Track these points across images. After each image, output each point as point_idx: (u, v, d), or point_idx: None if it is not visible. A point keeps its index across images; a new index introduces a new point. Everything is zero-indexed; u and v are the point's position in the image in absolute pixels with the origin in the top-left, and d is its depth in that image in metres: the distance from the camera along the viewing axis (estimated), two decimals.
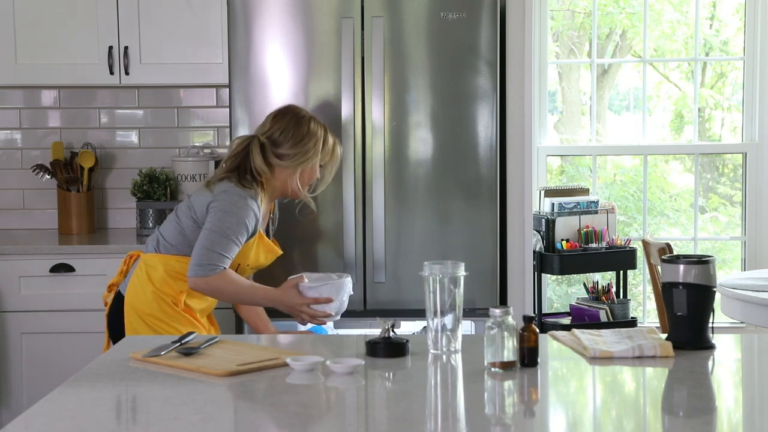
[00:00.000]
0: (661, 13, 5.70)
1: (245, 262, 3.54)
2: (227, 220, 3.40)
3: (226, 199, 3.43)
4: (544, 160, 5.22)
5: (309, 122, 3.57)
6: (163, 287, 3.48)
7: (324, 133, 3.60)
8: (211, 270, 3.38)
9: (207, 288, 3.42)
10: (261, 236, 3.55)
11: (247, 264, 3.56)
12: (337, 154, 3.66)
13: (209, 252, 3.39)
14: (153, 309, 3.47)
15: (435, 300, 2.62)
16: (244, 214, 3.42)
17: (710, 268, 2.66)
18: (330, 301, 3.43)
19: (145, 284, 3.49)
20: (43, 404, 2.24)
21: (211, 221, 3.42)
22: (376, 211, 4.12)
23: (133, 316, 3.50)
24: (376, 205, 4.12)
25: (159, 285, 3.48)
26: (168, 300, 3.47)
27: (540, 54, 5.09)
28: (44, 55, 4.64)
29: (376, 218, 4.12)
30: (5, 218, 5.01)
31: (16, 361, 4.44)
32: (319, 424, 2.17)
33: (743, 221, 5.26)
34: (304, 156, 3.53)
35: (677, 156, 5.83)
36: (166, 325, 3.46)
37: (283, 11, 4.14)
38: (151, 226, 4.76)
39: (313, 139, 3.55)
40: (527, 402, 2.34)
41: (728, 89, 5.84)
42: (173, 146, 5.01)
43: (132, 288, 3.53)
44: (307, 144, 3.54)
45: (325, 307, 3.44)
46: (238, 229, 3.41)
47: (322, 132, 3.59)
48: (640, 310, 5.41)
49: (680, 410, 2.28)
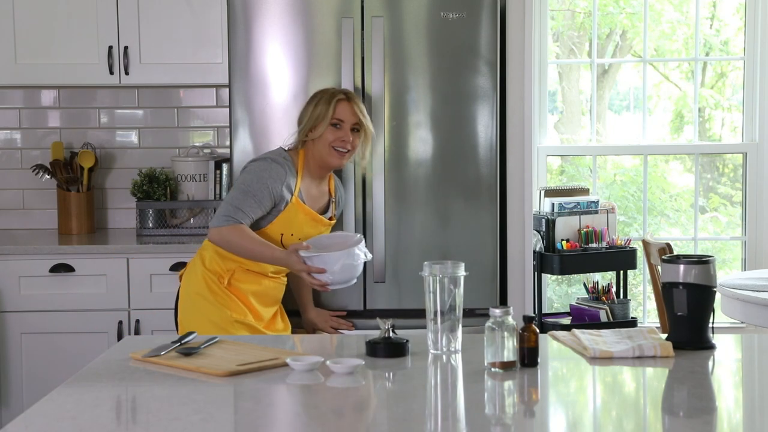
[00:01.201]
0: (661, 13, 5.70)
1: (288, 231, 3.67)
2: (249, 179, 3.62)
3: (253, 162, 3.70)
4: (544, 160, 5.21)
5: (317, 92, 3.78)
6: (212, 265, 3.68)
7: (322, 93, 3.74)
8: (225, 221, 3.56)
9: (219, 239, 3.58)
10: (301, 206, 3.68)
11: (291, 233, 3.67)
12: (344, 111, 3.71)
13: (227, 205, 3.60)
14: (201, 288, 3.66)
15: (435, 300, 2.62)
16: (267, 175, 3.61)
17: (710, 268, 2.66)
18: (322, 271, 3.47)
19: (197, 264, 3.71)
20: (43, 404, 2.24)
21: (236, 180, 3.71)
22: (376, 211, 4.11)
23: (184, 295, 3.70)
24: (376, 205, 4.11)
25: (208, 264, 3.68)
26: (214, 278, 3.66)
27: (540, 54, 5.09)
28: (44, 55, 4.63)
29: (376, 218, 4.12)
30: (5, 218, 5.01)
31: (16, 361, 4.44)
32: (319, 424, 2.17)
33: (743, 221, 5.26)
34: (306, 118, 3.72)
35: (677, 156, 5.83)
36: (210, 304, 3.64)
37: (283, 11, 4.13)
38: (150, 226, 4.76)
39: (312, 102, 3.74)
40: (527, 402, 2.34)
41: (728, 89, 5.84)
42: (173, 146, 5.00)
43: (187, 269, 3.77)
44: (307, 108, 3.75)
45: (321, 277, 3.49)
46: (258, 187, 3.59)
47: (321, 94, 3.74)
48: (640, 310, 5.41)
49: (680, 410, 2.28)
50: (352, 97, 3.75)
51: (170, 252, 4.42)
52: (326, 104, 3.70)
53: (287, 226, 3.67)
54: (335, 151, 3.68)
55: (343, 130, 3.69)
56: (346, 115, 3.70)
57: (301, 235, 3.68)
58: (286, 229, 3.67)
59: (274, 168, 3.64)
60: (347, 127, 3.70)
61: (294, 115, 4.17)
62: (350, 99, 3.73)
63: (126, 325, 4.41)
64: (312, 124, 3.70)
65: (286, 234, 3.67)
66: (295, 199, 3.66)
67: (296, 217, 3.67)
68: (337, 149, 3.68)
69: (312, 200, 3.74)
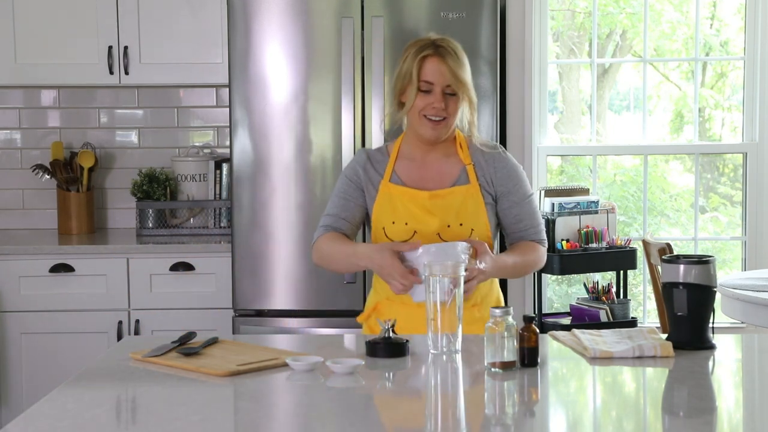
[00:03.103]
0: (661, 13, 5.70)
1: (389, 218, 3.05)
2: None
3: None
4: (544, 160, 5.21)
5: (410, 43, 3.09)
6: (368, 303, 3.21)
7: (412, 46, 3.04)
8: (314, 237, 3.11)
9: (317, 258, 3.10)
10: (393, 187, 3.07)
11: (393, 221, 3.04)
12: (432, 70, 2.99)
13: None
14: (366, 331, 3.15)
15: (435, 300, 2.62)
16: (346, 167, 3.16)
17: (710, 268, 2.66)
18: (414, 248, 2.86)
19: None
20: (43, 404, 2.24)
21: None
22: None
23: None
24: None
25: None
26: (364, 317, 3.17)
27: (540, 54, 5.09)
28: (44, 54, 4.63)
29: None
30: (5, 218, 5.01)
31: (16, 361, 4.44)
32: (319, 424, 2.17)
33: (743, 221, 5.26)
34: (395, 76, 3.07)
35: (677, 156, 5.83)
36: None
37: (282, 11, 4.13)
38: (150, 226, 4.76)
39: (403, 56, 3.05)
40: (527, 402, 2.34)
41: (728, 89, 5.84)
42: (173, 146, 5.00)
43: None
44: (399, 62, 3.08)
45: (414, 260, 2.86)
46: (339, 184, 3.13)
47: (410, 47, 3.04)
48: (640, 310, 5.41)
49: (680, 410, 2.28)
50: (444, 51, 3.00)
51: (170, 252, 4.42)
52: (411, 60, 3.01)
53: (389, 212, 3.04)
54: (426, 120, 3.01)
55: (433, 94, 2.99)
56: (435, 75, 2.99)
57: (409, 217, 3.02)
58: (387, 217, 3.04)
59: (355, 156, 3.17)
60: (438, 91, 2.99)
61: (294, 115, 4.18)
62: (441, 55, 3.00)
63: (126, 325, 4.41)
64: (401, 86, 3.04)
65: (388, 224, 3.04)
66: (385, 179, 3.06)
67: (391, 200, 3.05)
68: (429, 117, 3.01)
69: (421, 179, 3.08)
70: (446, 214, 3.03)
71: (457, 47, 3.04)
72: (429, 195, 3.03)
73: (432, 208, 3.02)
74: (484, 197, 3.07)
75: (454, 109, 3.01)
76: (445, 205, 3.03)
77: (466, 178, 3.07)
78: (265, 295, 4.25)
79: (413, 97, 3.00)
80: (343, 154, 4.15)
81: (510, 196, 3.10)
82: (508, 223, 3.12)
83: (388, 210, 3.05)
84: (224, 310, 4.34)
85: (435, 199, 3.03)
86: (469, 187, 3.06)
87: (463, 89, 3.00)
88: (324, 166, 4.21)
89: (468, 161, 3.08)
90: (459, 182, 3.07)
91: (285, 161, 4.20)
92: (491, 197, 3.09)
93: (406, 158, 3.10)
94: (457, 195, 3.04)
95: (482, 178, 3.08)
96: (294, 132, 4.19)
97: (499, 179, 3.09)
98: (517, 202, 3.10)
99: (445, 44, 3.02)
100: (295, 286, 4.24)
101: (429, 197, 3.03)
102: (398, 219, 3.03)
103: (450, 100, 3.00)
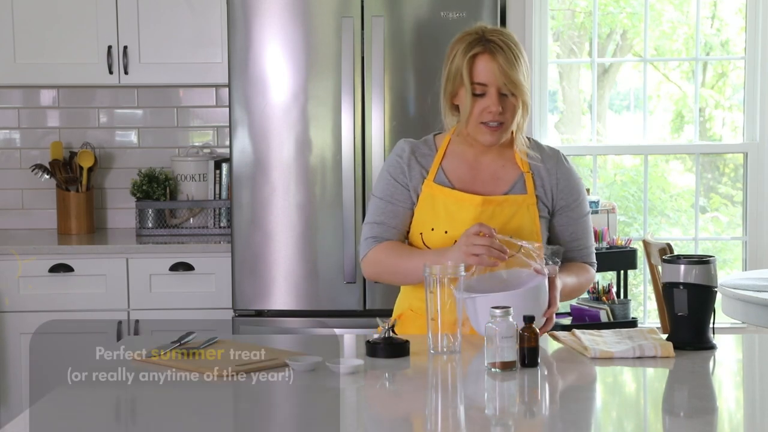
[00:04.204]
0: (661, 12, 5.70)
1: (428, 225, 2.77)
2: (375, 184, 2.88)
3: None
4: None
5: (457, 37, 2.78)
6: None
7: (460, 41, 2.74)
8: (364, 248, 2.82)
9: (370, 272, 2.83)
10: (437, 187, 2.79)
11: (432, 228, 2.78)
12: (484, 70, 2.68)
13: (363, 228, 2.84)
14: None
15: (435, 300, 2.61)
16: (386, 164, 2.85)
17: (711, 268, 2.66)
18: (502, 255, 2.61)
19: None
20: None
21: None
22: None
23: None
24: None
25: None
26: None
27: (540, 54, 5.08)
28: (43, 54, 4.63)
29: None
30: (4, 218, 5.01)
31: (16, 361, 4.43)
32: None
33: (744, 221, 5.25)
34: (444, 76, 2.78)
35: (678, 156, 5.83)
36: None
37: (282, 11, 4.13)
38: (150, 226, 4.76)
39: (451, 53, 2.76)
40: (527, 402, 2.34)
41: (729, 89, 5.84)
42: (173, 146, 5.00)
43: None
44: (446, 61, 2.79)
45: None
46: (378, 184, 2.84)
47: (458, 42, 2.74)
48: (640, 310, 5.41)
49: (681, 411, 2.27)
50: (495, 47, 2.68)
51: (170, 252, 4.41)
52: (461, 59, 2.70)
53: (427, 216, 2.77)
54: (483, 126, 2.73)
55: (488, 96, 2.70)
56: (488, 75, 2.69)
57: (450, 226, 2.74)
58: (427, 222, 2.76)
59: (395, 149, 2.85)
60: (493, 92, 2.69)
61: (294, 115, 4.18)
62: (492, 52, 2.68)
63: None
64: (452, 88, 2.75)
65: (426, 230, 2.76)
66: (429, 178, 2.78)
67: (434, 202, 2.77)
68: (487, 124, 2.73)
69: (472, 181, 2.80)
70: (496, 224, 2.71)
71: (510, 40, 2.70)
72: (482, 200, 2.74)
73: (481, 216, 2.73)
74: (540, 210, 2.80)
75: (512, 110, 2.71)
76: (496, 214, 2.75)
77: (522, 187, 2.80)
78: (265, 295, 4.24)
79: (468, 103, 2.70)
80: (343, 154, 4.14)
81: (569, 211, 2.85)
82: (562, 241, 2.87)
83: (429, 214, 2.78)
84: (224, 310, 4.34)
85: (487, 206, 2.75)
86: (525, 198, 2.79)
87: (516, 91, 2.69)
88: (324, 166, 4.20)
89: (526, 168, 2.80)
90: (514, 190, 2.79)
91: (285, 161, 4.20)
92: (547, 210, 2.82)
93: (456, 156, 2.82)
94: (511, 204, 2.77)
95: (540, 189, 2.81)
96: (294, 132, 4.19)
97: (560, 192, 2.83)
98: (576, 219, 2.86)
99: (496, 37, 2.69)
100: (295, 286, 4.23)
101: (482, 203, 2.74)
102: (438, 225, 2.76)
103: (507, 101, 2.71)
